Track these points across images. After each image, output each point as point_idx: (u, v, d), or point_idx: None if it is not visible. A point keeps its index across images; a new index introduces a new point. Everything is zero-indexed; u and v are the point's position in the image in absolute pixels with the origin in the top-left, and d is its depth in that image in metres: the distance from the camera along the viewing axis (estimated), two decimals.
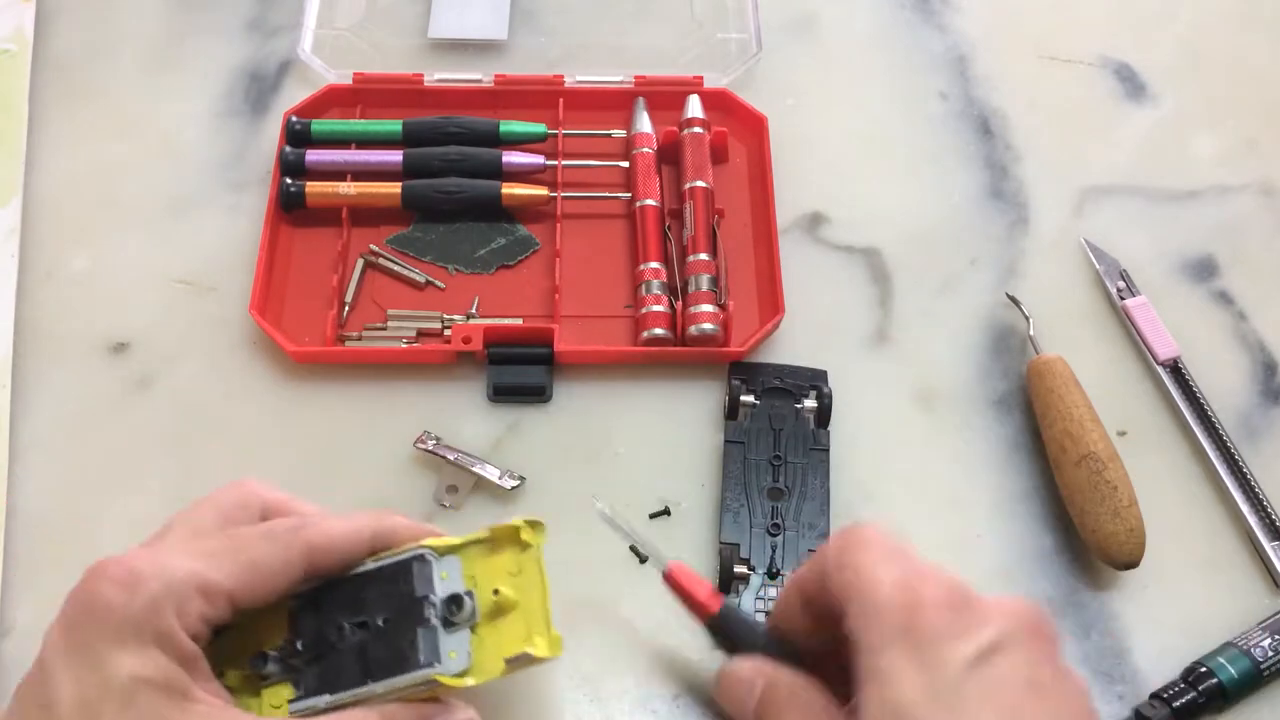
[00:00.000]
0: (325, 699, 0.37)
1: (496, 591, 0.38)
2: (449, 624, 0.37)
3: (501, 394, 0.53)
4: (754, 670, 0.39)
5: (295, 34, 0.64)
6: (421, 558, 0.38)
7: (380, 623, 0.37)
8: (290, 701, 0.37)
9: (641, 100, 0.61)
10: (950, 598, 0.34)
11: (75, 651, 0.34)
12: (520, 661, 0.37)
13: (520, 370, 0.53)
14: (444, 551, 0.39)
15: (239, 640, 0.38)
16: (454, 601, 0.37)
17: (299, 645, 0.38)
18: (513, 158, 0.59)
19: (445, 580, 0.38)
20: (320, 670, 0.37)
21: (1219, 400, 0.53)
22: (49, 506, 0.50)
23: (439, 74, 0.62)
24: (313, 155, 0.58)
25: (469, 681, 0.37)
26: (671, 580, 0.42)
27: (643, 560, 0.48)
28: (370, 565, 0.39)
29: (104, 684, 0.33)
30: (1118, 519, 0.47)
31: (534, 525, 0.39)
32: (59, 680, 0.33)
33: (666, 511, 0.50)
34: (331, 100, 0.62)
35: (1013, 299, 0.56)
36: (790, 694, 0.38)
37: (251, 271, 0.55)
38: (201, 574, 0.35)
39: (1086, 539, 0.48)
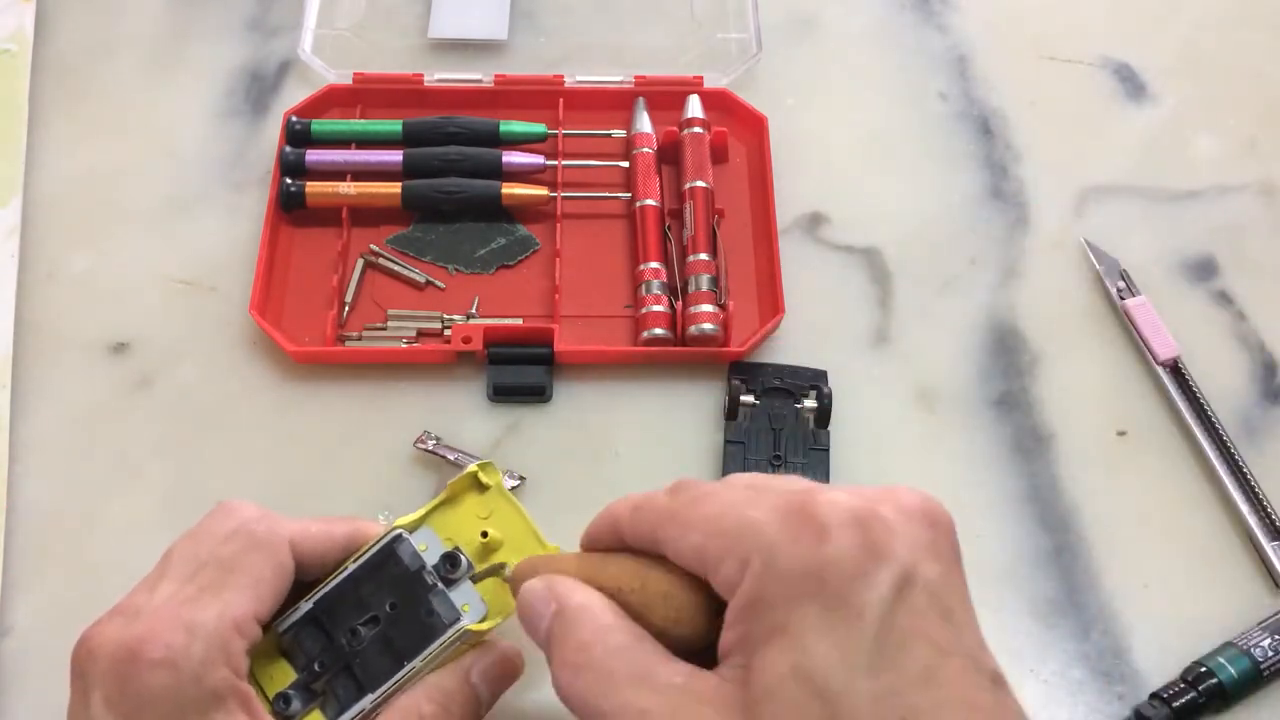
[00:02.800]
0: (369, 698, 0.37)
1: (485, 534, 0.39)
2: (449, 582, 0.39)
3: (501, 394, 0.53)
4: (547, 594, 0.34)
5: (295, 34, 0.64)
6: (399, 537, 0.40)
7: (389, 609, 0.38)
8: None
9: (641, 100, 0.61)
10: (850, 521, 0.29)
11: None
12: None
13: (520, 370, 0.53)
14: (414, 526, 0.40)
15: None
16: (449, 560, 0.39)
17: (317, 667, 0.38)
18: (513, 158, 0.59)
19: (427, 550, 0.40)
20: (349, 679, 0.38)
21: (1219, 400, 0.53)
22: (49, 506, 0.50)
23: (439, 74, 0.62)
24: (313, 155, 0.58)
25: (497, 620, 0.39)
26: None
27: None
28: (352, 566, 0.39)
29: None
30: None
31: (485, 467, 0.41)
32: None
33: None
34: (331, 100, 0.62)
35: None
36: (590, 629, 0.32)
37: (251, 271, 0.55)
38: (227, 612, 0.35)
39: None
